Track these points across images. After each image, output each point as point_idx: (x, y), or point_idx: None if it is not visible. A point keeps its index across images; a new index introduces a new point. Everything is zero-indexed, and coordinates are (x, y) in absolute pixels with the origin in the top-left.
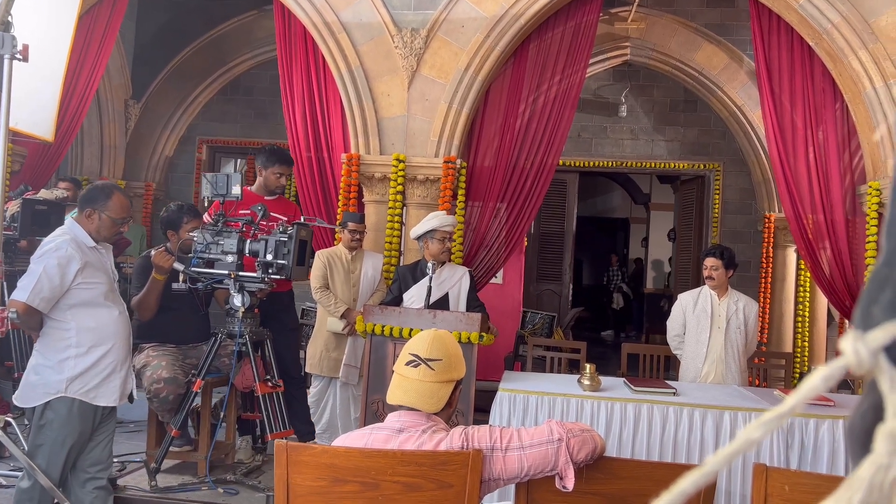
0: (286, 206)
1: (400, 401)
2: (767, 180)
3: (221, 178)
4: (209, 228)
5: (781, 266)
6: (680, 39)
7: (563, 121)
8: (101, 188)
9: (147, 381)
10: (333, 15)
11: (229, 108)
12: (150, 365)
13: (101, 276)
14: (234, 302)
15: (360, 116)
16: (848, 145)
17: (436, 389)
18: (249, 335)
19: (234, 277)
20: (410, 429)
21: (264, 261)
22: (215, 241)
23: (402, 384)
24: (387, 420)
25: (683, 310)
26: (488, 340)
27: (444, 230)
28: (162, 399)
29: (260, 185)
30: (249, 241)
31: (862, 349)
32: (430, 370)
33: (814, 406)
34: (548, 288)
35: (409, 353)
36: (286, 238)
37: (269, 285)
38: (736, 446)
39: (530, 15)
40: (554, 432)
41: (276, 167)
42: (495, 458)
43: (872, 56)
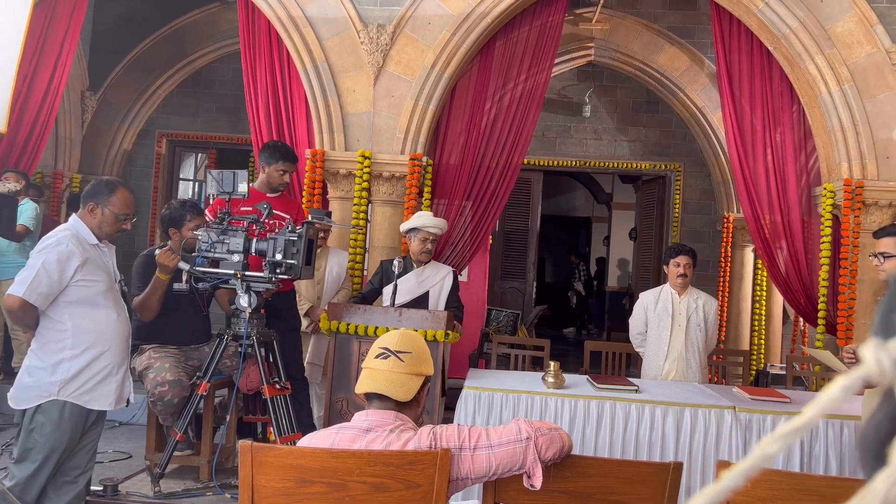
0: (289, 204)
1: (369, 388)
2: (726, 181)
3: (228, 176)
4: (214, 227)
5: (739, 265)
6: (643, 41)
7: (529, 120)
8: (106, 183)
9: (150, 383)
10: (298, 9)
11: (190, 101)
12: (153, 367)
13: (101, 275)
14: (240, 302)
15: (325, 112)
16: (804, 147)
17: (406, 380)
18: (256, 336)
19: (240, 277)
20: (378, 428)
21: (273, 260)
22: (221, 239)
23: (372, 375)
24: (354, 419)
25: (645, 308)
26: (453, 339)
27: (428, 231)
28: (166, 402)
29: (263, 182)
30: (256, 240)
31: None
32: (399, 361)
33: (771, 403)
34: (512, 286)
35: (379, 346)
36: (296, 237)
37: (276, 285)
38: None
39: (496, 14)
40: (522, 431)
41: (279, 164)
42: (463, 456)
43: (828, 61)
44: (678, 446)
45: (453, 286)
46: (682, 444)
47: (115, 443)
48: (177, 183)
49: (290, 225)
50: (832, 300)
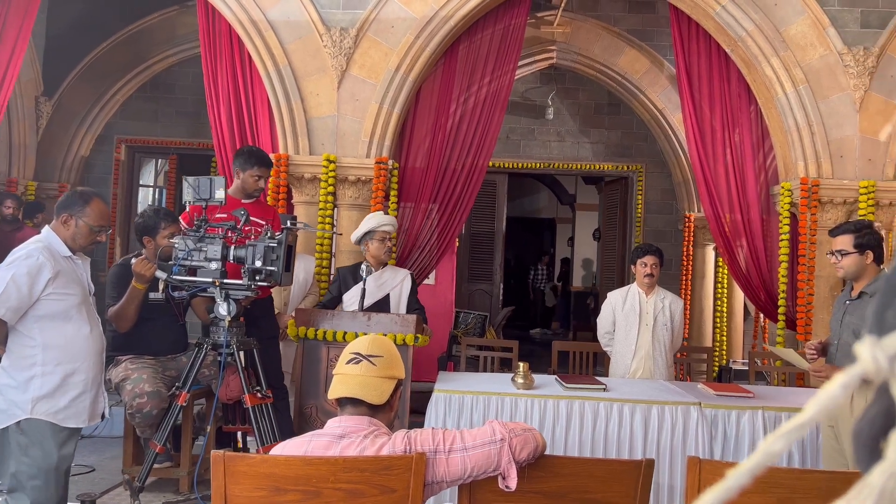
0: (265, 210)
1: (342, 393)
2: (687, 181)
3: (204, 182)
4: (190, 234)
5: (701, 263)
6: (603, 44)
7: (494, 122)
8: (80, 193)
9: (128, 395)
10: (260, 12)
11: (150, 106)
12: (131, 378)
13: (74, 288)
14: (219, 311)
15: (289, 116)
16: (762, 146)
17: (378, 383)
18: (236, 345)
19: (219, 285)
20: (352, 434)
21: (253, 267)
22: (198, 247)
23: (344, 380)
24: (327, 426)
25: (613, 308)
26: (423, 342)
27: (383, 230)
28: (145, 414)
29: (238, 189)
30: (233, 247)
31: (880, 355)
32: (371, 365)
33: (735, 398)
34: (479, 288)
35: (350, 352)
36: (275, 244)
37: (255, 293)
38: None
39: (460, 17)
40: (496, 432)
41: (254, 169)
42: (438, 460)
43: (783, 63)
44: (646, 443)
45: (412, 288)
46: (650, 440)
47: (77, 456)
48: (137, 189)
49: (269, 231)
50: (791, 296)
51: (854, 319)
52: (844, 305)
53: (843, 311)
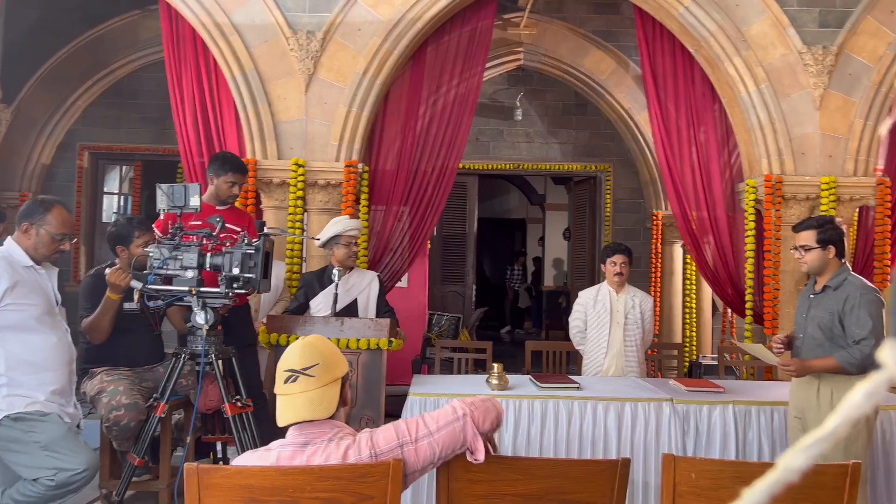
0: (240, 217)
1: (291, 419)
2: (654, 180)
3: (179, 190)
4: (165, 243)
5: (669, 261)
6: (570, 45)
7: (463, 124)
8: (41, 202)
9: (104, 408)
10: (224, 16)
11: (113, 112)
12: (107, 391)
13: (36, 298)
14: (196, 319)
15: (256, 120)
16: (726, 144)
17: (322, 394)
18: (215, 353)
19: (196, 294)
20: (315, 440)
21: (230, 275)
22: (173, 255)
23: (288, 403)
24: (288, 436)
25: (584, 307)
26: (397, 345)
27: (349, 235)
28: (122, 427)
29: (211, 195)
30: (210, 254)
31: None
32: (309, 378)
33: (706, 393)
34: (452, 289)
35: (283, 370)
36: (252, 250)
37: (233, 300)
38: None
39: (427, 19)
40: (458, 409)
41: (228, 175)
42: (407, 452)
43: (746, 62)
44: (620, 440)
45: (380, 291)
46: (623, 437)
47: None
48: (101, 197)
49: (245, 238)
50: (758, 291)
51: (819, 313)
52: (809, 299)
53: (808, 305)
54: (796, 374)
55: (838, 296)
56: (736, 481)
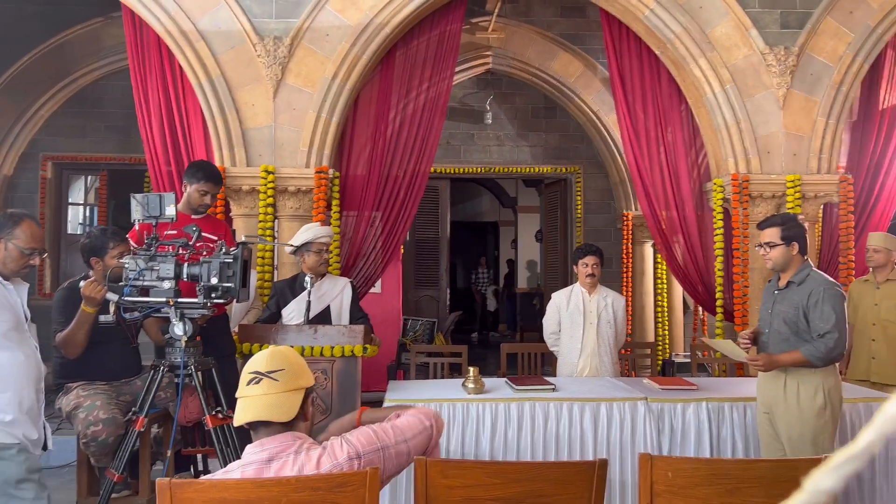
0: (216, 226)
1: (248, 418)
2: (624, 181)
3: (153, 199)
4: (141, 253)
5: (640, 260)
6: (537, 48)
7: (434, 128)
8: (10, 215)
9: (81, 423)
10: (190, 23)
11: (77, 121)
12: (83, 406)
13: (3, 314)
14: (175, 331)
15: (224, 127)
16: (694, 144)
17: (284, 399)
18: (194, 365)
19: (173, 305)
20: (281, 454)
21: (209, 284)
22: (149, 266)
23: (247, 403)
24: (246, 453)
25: (558, 308)
26: (372, 352)
27: (320, 242)
28: (101, 442)
29: (184, 204)
30: (187, 264)
31: None
32: (273, 381)
33: (679, 391)
34: (426, 294)
35: (249, 372)
36: (231, 259)
37: (211, 311)
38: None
39: (395, 24)
40: (424, 421)
41: (200, 184)
42: (388, 455)
43: (710, 63)
44: (596, 440)
45: (353, 297)
46: (599, 438)
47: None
48: (65, 208)
49: (223, 247)
50: (728, 288)
51: (784, 308)
52: (773, 295)
53: (773, 301)
54: (764, 369)
55: (802, 291)
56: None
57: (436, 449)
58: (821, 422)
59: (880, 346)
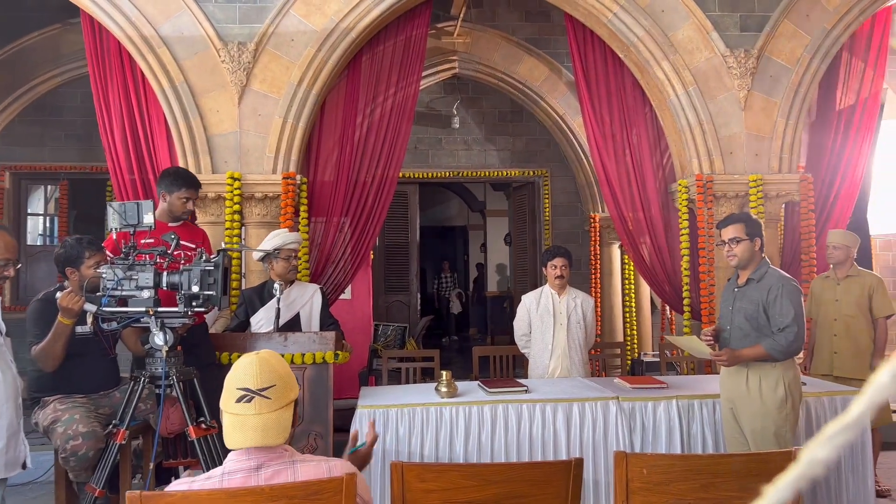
0: (194, 233)
1: (243, 444)
2: (591, 183)
3: (131, 207)
4: (119, 263)
5: (608, 262)
6: (503, 53)
7: (401, 133)
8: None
9: (60, 438)
10: (151, 29)
11: (35, 130)
12: (62, 420)
13: None
14: (155, 341)
15: (188, 134)
16: (658, 146)
17: (277, 418)
18: (176, 375)
19: (153, 314)
20: (270, 463)
21: (189, 293)
22: (128, 275)
23: (240, 424)
24: (230, 462)
25: (528, 310)
26: (343, 358)
27: (289, 248)
28: (80, 457)
29: (164, 212)
30: (166, 273)
31: None
32: (266, 400)
33: (650, 389)
34: (396, 299)
35: (237, 387)
36: (212, 267)
37: (192, 319)
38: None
39: (361, 29)
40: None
41: (182, 191)
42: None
43: (673, 66)
44: (569, 441)
45: (323, 304)
46: (572, 438)
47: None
48: (25, 219)
49: (202, 254)
50: (694, 287)
51: (744, 304)
52: (734, 293)
53: (734, 298)
54: (727, 364)
55: (762, 287)
56: (687, 475)
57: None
58: (782, 414)
59: (841, 340)
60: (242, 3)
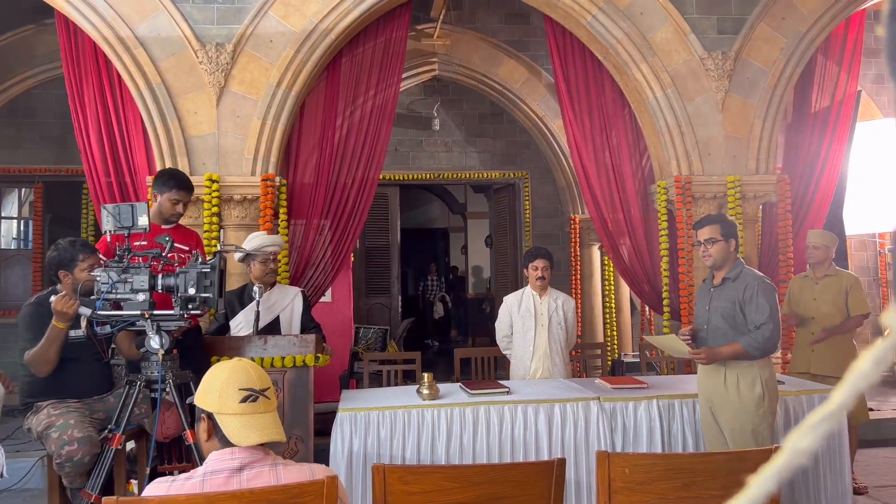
0: (187, 235)
1: (261, 439)
2: (571, 185)
3: (125, 209)
4: (113, 265)
5: (588, 263)
6: (483, 55)
7: (382, 134)
8: None
9: (55, 444)
10: (128, 29)
11: (8, 132)
12: (56, 425)
13: None
14: (151, 344)
15: (165, 136)
16: (637, 147)
17: (276, 417)
18: (172, 379)
19: (149, 317)
20: (253, 465)
21: (186, 295)
22: (122, 278)
23: (254, 422)
24: (212, 462)
25: (509, 311)
26: (324, 361)
27: (266, 251)
28: (76, 462)
29: (155, 213)
30: (161, 275)
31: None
32: (268, 400)
33: (631, 390)
34: (377, 301)
35: (240, 388)
36: (208, 269)
37: (188, 322)
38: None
39: (340, 30)
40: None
41: (172, 193)
42: None
43: (652, 68)
44: (551, 441)
45: (305, 307)
46: (554, 438)
47: None
48: None
49: (198, 256)
50: (674, 288)
51: (721, 303)
52: (710, 292)
53: (710, 298)
54: (706, 362)
55: (737, 286)
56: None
57: None
58: (760, 411)
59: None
60: (220, 4)
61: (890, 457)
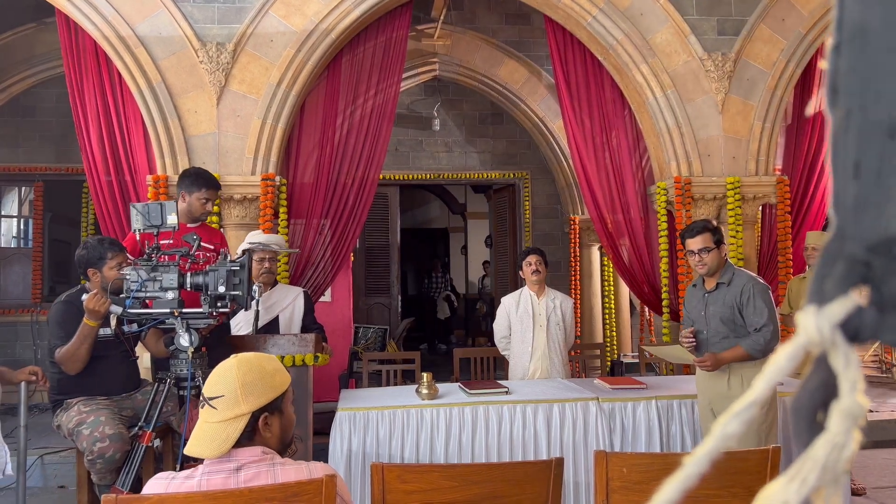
0: (212, 234)
1: (187, 450)
2: (570, 186)
3: (154, 208)
4: (142, 264)
5: (588, 263)
6: (483, 55)
7: (382, 134)
8: None
9: (87, 441)
10: (128, 28)
11: (9, 131)
12: (87, 422)
13: None
14: (181, 342)
15: (166, 135)
16: (637, 148)
17: (219, 430)
18: (202, 376)
19: (178, 315)
20: (251, 465)
21: (216, 293)
22: (152, 277)
23: (197, 431)
24: (213, 461)
25: (507, 312)
26: (323, 361)
27: (261, 251)
28: (107, 459)
29: (183, 212)
30: (190, 274)
31: (824, 325)
32: (212, 410)
33: (629, 390)
34: (377, 301)
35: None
36: (238, 267)
37: (216, 320)
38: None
39: (341, 30)
40: None
41: (202, 192)
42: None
43: (652, 69)
44: (550, 441)
45: (307, 307)
46: (553, 438)
47: None
48: None
49: (226, 255)
50: (673, 289)
51: (718, 308)
52: (704, 298)
53: (705, 304)
54: (711, 368)
55: (733, 290)
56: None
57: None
58: (762, 412)
59: None
60: (221, 4)
61: (888, 458)
